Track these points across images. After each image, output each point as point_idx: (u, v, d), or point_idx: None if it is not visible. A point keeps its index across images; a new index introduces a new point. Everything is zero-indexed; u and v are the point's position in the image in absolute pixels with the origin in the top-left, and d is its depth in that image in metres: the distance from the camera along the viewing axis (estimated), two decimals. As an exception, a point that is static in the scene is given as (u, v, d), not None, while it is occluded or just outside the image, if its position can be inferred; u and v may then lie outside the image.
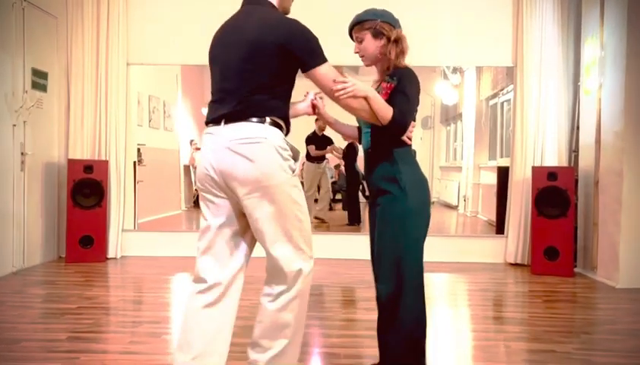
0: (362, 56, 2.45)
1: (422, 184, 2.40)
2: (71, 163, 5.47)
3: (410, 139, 2.39)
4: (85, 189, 5.43)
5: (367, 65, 2.48)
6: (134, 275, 5.10)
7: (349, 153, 8.27)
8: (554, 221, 5.11)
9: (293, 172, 2.19)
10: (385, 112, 2.23)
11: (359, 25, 2.41)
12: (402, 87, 2.31)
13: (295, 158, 2.22)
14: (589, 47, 5.24)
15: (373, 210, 2.46)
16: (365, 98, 2.21)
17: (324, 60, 2.18)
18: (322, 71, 2.16)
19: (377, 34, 2.38)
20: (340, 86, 2.17)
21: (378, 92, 2.32)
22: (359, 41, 2.42)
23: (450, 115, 12.32)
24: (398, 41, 2.39)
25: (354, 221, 8.20)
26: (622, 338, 3.31)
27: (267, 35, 2.12)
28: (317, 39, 2.18)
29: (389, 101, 2.28)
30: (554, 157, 5.51)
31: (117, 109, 5.73)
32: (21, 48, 5.06)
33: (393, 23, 2.42)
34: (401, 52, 2.40)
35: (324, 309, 3.96)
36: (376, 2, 5.81)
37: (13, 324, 3.42)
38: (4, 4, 4.84)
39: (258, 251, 2.37)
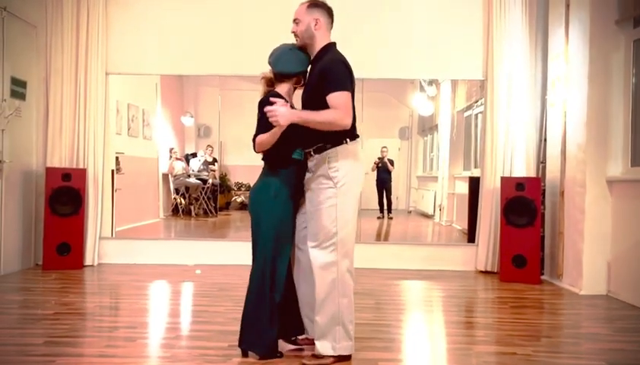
0: None
1: None
2: (49, 171, 5.52)
3: None
4: (63, 197, 5.47)
5: None
6: (110, 282, 5.15)
7: None
8: (522, 230, 5.28)
9: None
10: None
11: None
12: None
13: None
14: (555, 63, 5.46)
15: None
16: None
17: None
18: None
19: None
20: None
21: None
22: None
23: (427, 126, 12.55)
24: None
25: None
26: (580, 341, 3.47)
27: None
28: None
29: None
30: (522, 168, 5.71)
31: (95, 118, 5.79)
32: (0, 57, 5.10)
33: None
34: None
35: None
36: (360, 17, 6.00)
37: (-11, 329, 3.46)
38: (-17, 14, 4.90)
39: (236, 258, 2.47)
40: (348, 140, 2.87)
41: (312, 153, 2.90)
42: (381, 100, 10.00)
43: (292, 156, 2.93)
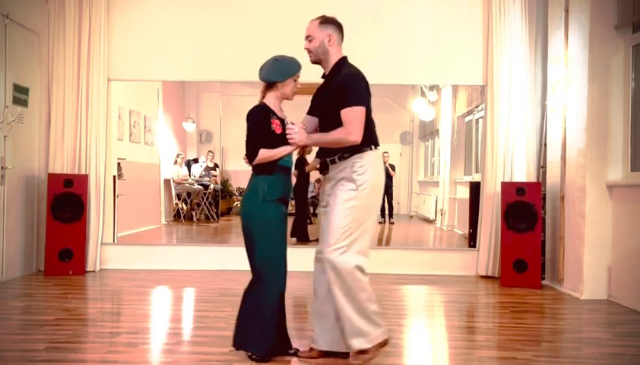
0: None
1: None
2: (51, 177, 5.54)
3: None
4: (65, 203, 5.49)
5: None
6: (112, 288, 5.17)
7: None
8: (522, 235, 5.29)
9: None
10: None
11: None
12: None
13: None
14: (554, 67, 5.48)
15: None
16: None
17: None
18: None
19: None
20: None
21: None
22: None
23: (428, 131, 12.57)
24: None
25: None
26: (581, 345, 3.48)
27: None
28: None
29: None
30: (523, 173, 5.72)
31: (97, 124, 5.81)
32: (3, 64, 5.14)
33: None
34: None
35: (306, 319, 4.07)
36: (361, 22, 6.00)
37: (-9, 335, 3.47)
38: (-14, 21, 4.93)
39: (235, 264, 2.49)
40: (373, 147, 3.00)
41: (335, 160, 2.97)
42: (382, 105, 9.97)
43: (279, 162, 2.99)
